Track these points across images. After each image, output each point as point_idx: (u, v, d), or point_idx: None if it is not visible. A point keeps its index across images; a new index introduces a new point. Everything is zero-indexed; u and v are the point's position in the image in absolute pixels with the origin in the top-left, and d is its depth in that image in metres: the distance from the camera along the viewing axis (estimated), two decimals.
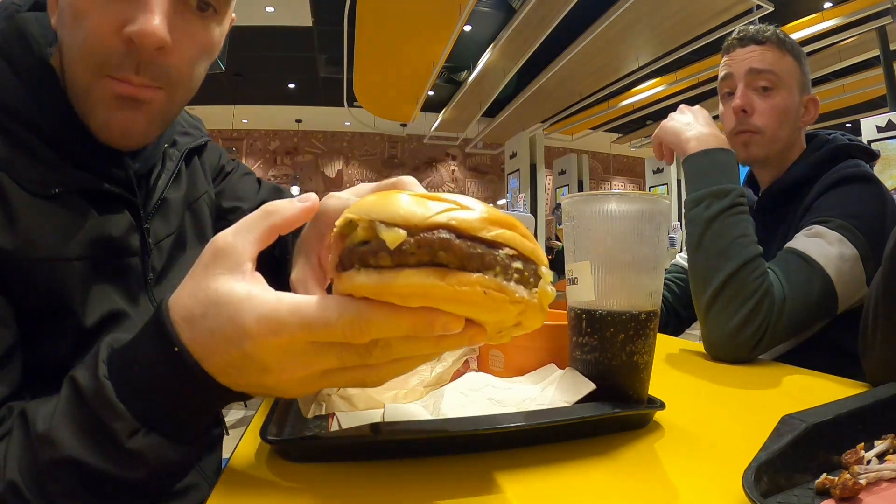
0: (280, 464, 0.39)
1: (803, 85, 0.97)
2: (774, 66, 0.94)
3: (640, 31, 5.98)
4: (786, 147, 0.97)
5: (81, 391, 0.33)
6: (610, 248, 0.45)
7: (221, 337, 0.30)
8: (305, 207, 0.36)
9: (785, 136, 0.96)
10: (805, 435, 0.35)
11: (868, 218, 0.81)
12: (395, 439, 0.39)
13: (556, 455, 0.41)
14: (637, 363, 0.46)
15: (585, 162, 9.91)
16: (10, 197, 0.43)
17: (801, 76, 0.96)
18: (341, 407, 0.47)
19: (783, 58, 0.95)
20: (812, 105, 0.97)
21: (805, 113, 0.97)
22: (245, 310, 0.30)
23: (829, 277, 0.76)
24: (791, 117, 0.95)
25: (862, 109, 6.91)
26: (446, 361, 0.58)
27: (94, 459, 0.32)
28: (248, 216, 0.34)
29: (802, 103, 0.97)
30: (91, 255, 0.48)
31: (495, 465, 0.39)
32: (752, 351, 0.74)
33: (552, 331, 0.54)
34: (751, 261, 0.74)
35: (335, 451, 0.39)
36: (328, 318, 0.29)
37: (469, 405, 0.46)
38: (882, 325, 0.55)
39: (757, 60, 0.94)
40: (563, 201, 0.49)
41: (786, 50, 0.95)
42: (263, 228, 0.34)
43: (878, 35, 5.47)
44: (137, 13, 0.43)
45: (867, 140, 5.17)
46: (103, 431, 0.32)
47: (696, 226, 0.78)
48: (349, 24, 5.64)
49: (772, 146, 0.97)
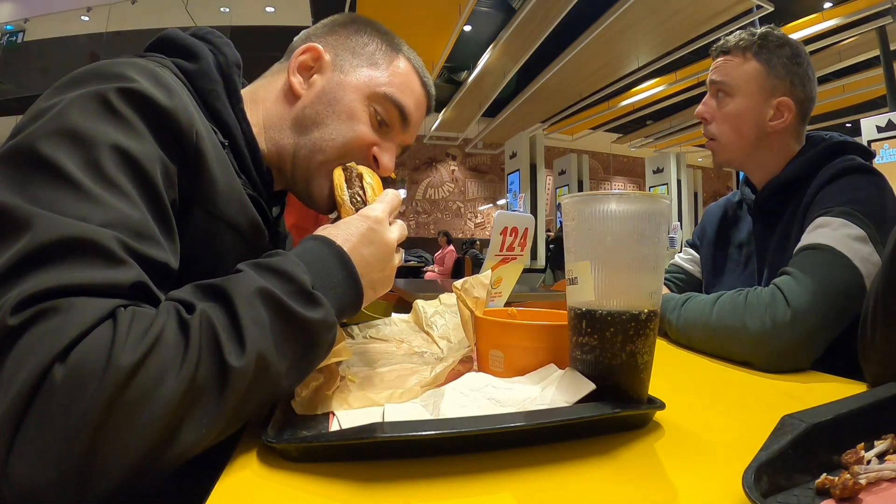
0: (280, 464, 0.39)
1: (772, 87, 0.94)
2: (729, 76, 0.96)
3: (640, 31, 5.98)
4: (755, 150, 0.97)
5: (268, 263, 0.43)
6: (610, 248, 0.45)
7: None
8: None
9: (747, 140, 0.96)
10: (805, 435, 0.35)
11: (868, 202, 0.80)
12: (396, 439, 0.39)
13: (556, 455, 0.41)
14: (637, 363, 0.46)
15: (585, 162, 9.91)
16: (227, 168, 0.54)
17: (767, 78, 0.94)
18: (338, 406, 0.47)
19: (743, 65, 0.95)
20: (784, 108, 0.94)
21: (776, 115, 0.94)
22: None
23: (845, 256, 0.75)
24: (749, 122, 0.95)
25: (862, 109, 6.92)
26: (447, 362, 0.58)
27: (285, 296, 0.41)
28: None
29: (772, 105, 0.94)
30: (253, 244, 0.58)
31: (495, 464, 0.39)
32: (805, 352, 0.72)
33: (552, 331, 0.54)
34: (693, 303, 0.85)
35: (336, 451, 0.39)
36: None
37: (469, 405, 0.46)
38: (882, 325, 0.55)
39: (715, 72, 0.99)
40: (563, 201, 0.49)
41: (751, 55, 0.95)
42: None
43: (878, 35, 5.48)
44: (388, 153, 0.67)
45: (867, 140, 5.17)
46: (291, 279, 0.42)
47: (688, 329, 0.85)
48: None
49: (733, 152, 0.98)
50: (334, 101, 0.62)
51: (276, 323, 0.40)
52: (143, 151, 0.43)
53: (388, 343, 0.77)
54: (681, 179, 9.82)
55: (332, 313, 0.44)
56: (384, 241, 0.52)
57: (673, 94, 7.90)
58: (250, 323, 0.38)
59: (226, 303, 0.39)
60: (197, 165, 0.49)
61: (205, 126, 0.51)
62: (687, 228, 9.01)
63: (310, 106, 0.63)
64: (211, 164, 0.50)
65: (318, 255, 0.47)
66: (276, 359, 0.39)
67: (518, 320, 0.61)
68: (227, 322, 0.38)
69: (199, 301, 0.38)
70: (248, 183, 0.59)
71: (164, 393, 0.33)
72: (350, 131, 0.63)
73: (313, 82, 0.63)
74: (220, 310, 0.38)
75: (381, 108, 0.64)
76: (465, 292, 0.61)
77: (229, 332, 0.37)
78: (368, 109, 0.64)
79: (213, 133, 0.53)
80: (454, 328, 0.76)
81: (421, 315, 0.83)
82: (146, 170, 0.43)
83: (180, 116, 0.47)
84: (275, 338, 0.39)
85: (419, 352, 0.71)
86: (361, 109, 0.63)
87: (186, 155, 0.48)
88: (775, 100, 0.94)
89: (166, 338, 0.35)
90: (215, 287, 0.40)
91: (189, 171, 0.48)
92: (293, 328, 0.41)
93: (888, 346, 0.55)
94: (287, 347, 0.41)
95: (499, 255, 0.87)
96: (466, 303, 0.61)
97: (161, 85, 0.47)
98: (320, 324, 0.43)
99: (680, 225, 8.54)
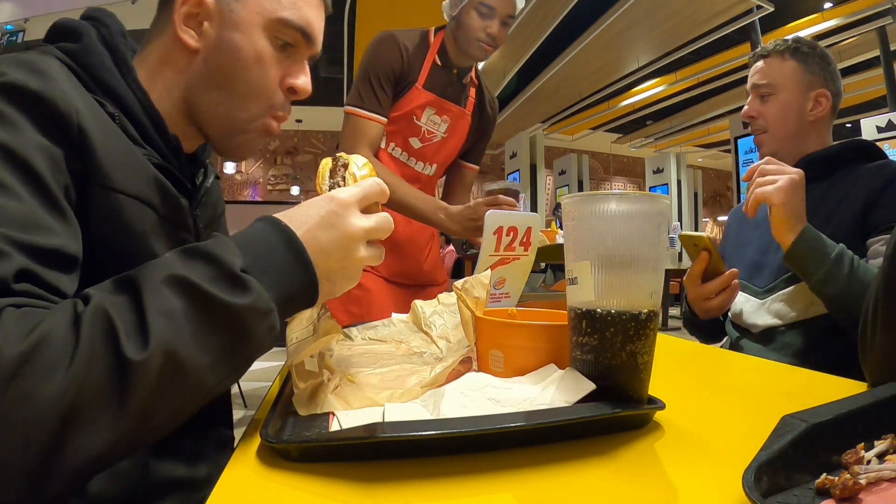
0: (280, 463, 0.39)
1: (810, 82, 1.08)
2: (770, 76, 1.09)
3: (640, 32, 5.98)
4: (797, 140, 1.09)
5: (196, 246, 0.40)
6: (610, 248, 0.45)
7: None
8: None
9: (793, 128, 1.09)
10: (805, 435, 0.35)
11: None
12: (397, 439, 0.39)
13: (556, 455, 0.41)
14: (637, 363, 0.46)
15: (585, 162, 9.91)
16: (119, 140, 0.52)
17: (804, 74, 1.08)
18: (338, 406, 0.47)
19: (783, 64, 1.09)
20: (822, 98, 1.07)
21: (815, 106, 1.08)
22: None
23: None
24: (792, 113, 1.08)
25: (862, 109, 6.91)
26: (446, 362, 0.58)
27: (204, 281, 0.38)
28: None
29: (810, 98, 1.08)
30: (166, 214, 0.56)
31: (495, 464, 0.39)
32: None
33: (552, 331, 0.54)
34: None
35: (337, 451, 0.39)
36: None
37: (469, 405, 0.45)
38: (882, 325, 0.55)
39: (757, 75, 1.12)
40: (563, 201, 0.49)
41: (789, 56, 1.08)
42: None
43: (878, 35, 5.48)
44: (301, 74, 0.62)
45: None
46: (217, 262, 0.39)
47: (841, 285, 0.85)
48: (349, 25, 5.64)
49: (779, 141, 1.10)
50: (235, 48, 0.58)
51: (192, 312, 0.37)
52: (20, 142, 0.42)
53: (387, 344, 0.77)
54: (681, 179, 9.82)
55: (265, 298, 0.40)
56: (346, 227, 0.47)
57: (673, 94, 7.89)
58: (156, 313, 0.35)
59: (132, 292, 0.36)
60: (83, 144, 0.47)
61: (88, 103, 0.49)
62: (687, 228, 9.01)
63: (211, 59, 0.59)
64: (96, 140, 0.47)
65: (260, 235, 0.44)
66: (195, 352, 0.36)
67: (518, 320, 0.61)
68: (128, 313, 0.35)
69: (104, 293, 0.37)
70: (153, 152, 0.57)
71: (51, 391, 0.31)
72: (263, 76, 0.59)
73: (205, 32, 0.58)
74: (125, 300, 0.36)
75: (283, 35, 0.60)
76: (465, 292, 0.61)
77: (130, 324, 0.35)
78: (271, 41, 0.59)
79: (99, 107, 0.51)
80: (453, 328, 0.76)
81: (420, 315, 0.83)
82: (25, 159, 0.41)
83: (57, 99, 0.45)
84: (191, 328, 0.36)
85: (418, 352, 0.71)
86: (264, 45, 0.59)
87: (70, 136, 0.46)
88: (813, 92, 1.08)
89: (54, 334, 0.33)
90: (127, 277, 0.38)
91: (77, 152, 0.46)
92: (215, 316, 0.38)
93: (888, 346, 0.55)
94: (209, 338, 0.37)
95: (494, 255, 0.86)
96: (467, 303, 0.60)
97: (34, 72, 0.46)
98: (248, 310, 0.39)
99: (680, 225, 8.54)
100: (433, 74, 1.33)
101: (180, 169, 0.60)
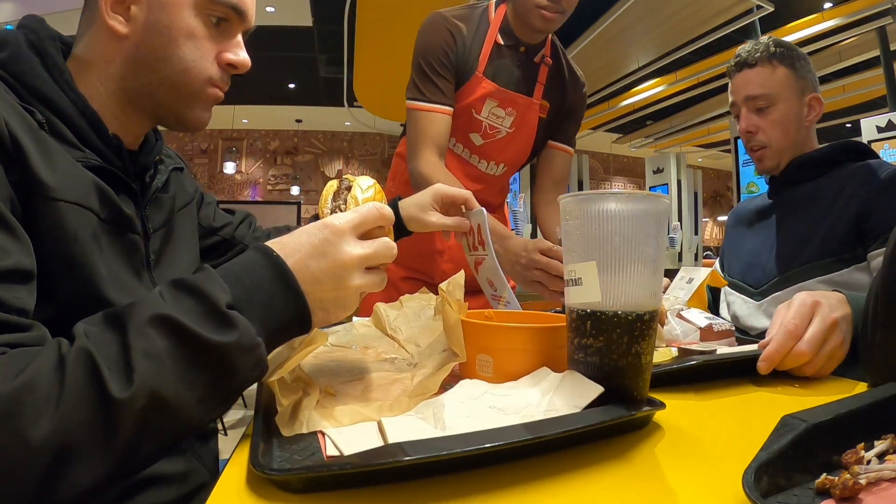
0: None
1: (802, 88, 1.04)
2: (766, 86, 1.03)
3: (640, 32, 5.97)
4: (796, 146, 1.06)
5: (184, 280, 0.41)
6: (617, 248, 0.45)
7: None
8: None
9: (794, 140, 1.05)
10: (805, 435, 0.36)
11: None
12: (420, 462, 0.35)
13: (555, 456, 0.41)
14: (641, 364, 0.46)
15: (585, 162, 9.89)
16: (50, 148, 0.50)
17: (797, 80, 1.04)
18: (326, 424, 0.44)
19: (774, 72, 1.03)
20: (815, 103, 1.05)
21: (809, 111, 1.05)
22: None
23: None
24: (794, 122, 1.04)
25: (862, 109, 6.90)
26: (426, 369, 0.56)
27: (189, 320, 0.38)
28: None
29: (805, 103, 1.04)
30: (108, 218, 0.55)
31: (495, 467, 0.39)
32: None
33: (543, 334, 0.53)
34: None
35: (350, 479, 0.35)
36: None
37: (472, 415, 0.44)
38: (882, 325, 0.55)
39: (751, 86, 1.04)
40: (563, 200, 0.49)
41: (777, 62, 1.03)
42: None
43: (878, 35, 5.47)
44: (237, 49, 0.63)
45: (867, 140, 5.16)
46: (204, 298, 0.39)
47: None
48: (349, 24, 5.63)
49: (782, 154, 1.06)
50: (166, 29, 0.58)
51: (177, 351, 0.37)
52: None
53: (352, 350, 0.73)
54: (681, 179, 9.80)
55: (250, 334, 0.40)
56: (339, 256, 0.46)
57: (673, 94, 7.88)
58: (140, 355, 0.36)
59: (118, 332, 0.37)
60: (19, 155, 0.46)
61: (16, 112, 0.48)
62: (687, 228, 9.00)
63: (143, 44, 0.58)
64: (29, 149, 0.47)
65: (249, 267, 0.44)
66: (180, 389, 0.37)
67: (513, 323, 0.59)
68: (114, 353, 0.36)
69: (91, 330, 0.38)
70: (93, 155, 0.55)
71: (41, 432, 0.32)
72: (197, 51, 0.59)
73: (133, 16, 0.58)
74: (111, 339, 0.37)
75: (215, 11, 0.60)
76: (449, 294, 0.56)
77: (115, 364, 0.36)
78: (202, 19, 0.59)
79: (27, 115, 0.50)
80: (420, 331, 0.73)
81: (383, 318, 0.79)
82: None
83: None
84: (175, 366, 0.37)
85: (388, 358, 0.68)
86: (196, 23, 0.59)
87: (5, 148, 0.45)
88: (807, 97, 1.05)
89: (40, 377, 0.34)
90: (115, 314, 0.39)
91: (14, 164, 0.45)
92: (199, 355, 0.38)
93: (889, 346, 0.55)
94: (194, 376, 0.38)
95: (472, 255, 0.85)
96: (452, 306, 0.56)
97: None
98: (233, 348, 0.39)
99: (680, 225, 8.52)
100: (495, 57, 1.14)
101: (124, 169, 0.59)
